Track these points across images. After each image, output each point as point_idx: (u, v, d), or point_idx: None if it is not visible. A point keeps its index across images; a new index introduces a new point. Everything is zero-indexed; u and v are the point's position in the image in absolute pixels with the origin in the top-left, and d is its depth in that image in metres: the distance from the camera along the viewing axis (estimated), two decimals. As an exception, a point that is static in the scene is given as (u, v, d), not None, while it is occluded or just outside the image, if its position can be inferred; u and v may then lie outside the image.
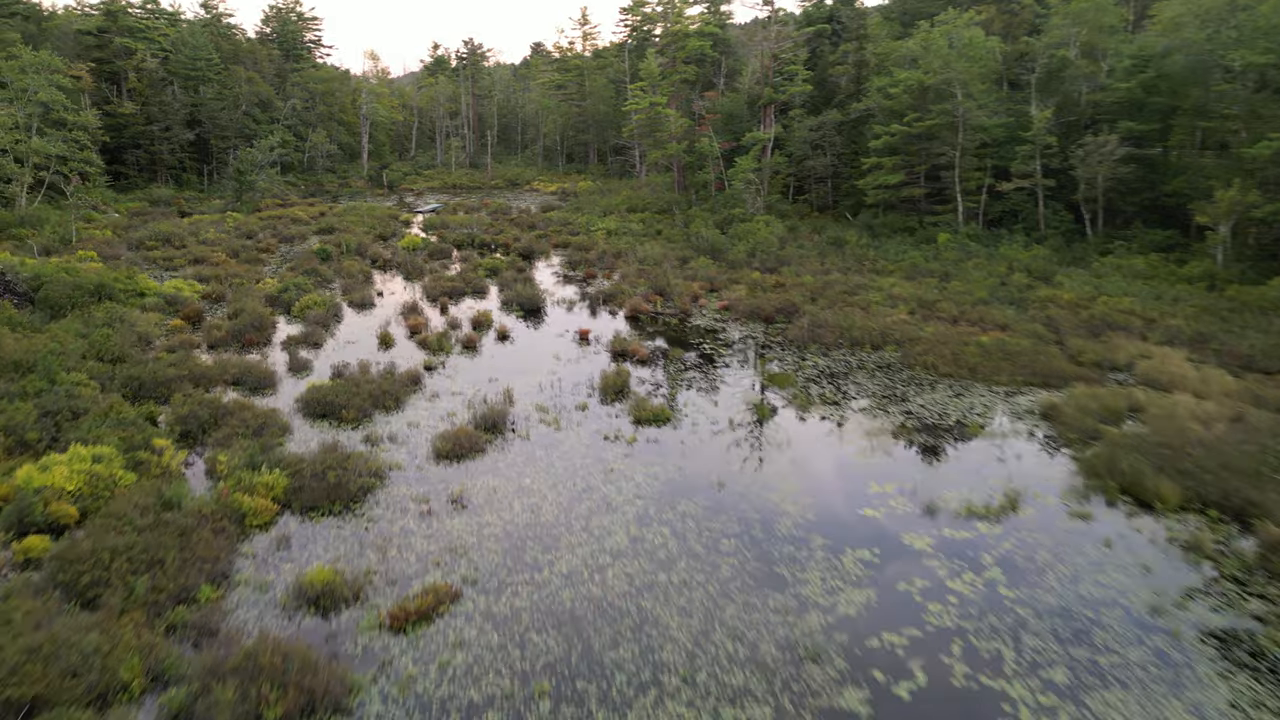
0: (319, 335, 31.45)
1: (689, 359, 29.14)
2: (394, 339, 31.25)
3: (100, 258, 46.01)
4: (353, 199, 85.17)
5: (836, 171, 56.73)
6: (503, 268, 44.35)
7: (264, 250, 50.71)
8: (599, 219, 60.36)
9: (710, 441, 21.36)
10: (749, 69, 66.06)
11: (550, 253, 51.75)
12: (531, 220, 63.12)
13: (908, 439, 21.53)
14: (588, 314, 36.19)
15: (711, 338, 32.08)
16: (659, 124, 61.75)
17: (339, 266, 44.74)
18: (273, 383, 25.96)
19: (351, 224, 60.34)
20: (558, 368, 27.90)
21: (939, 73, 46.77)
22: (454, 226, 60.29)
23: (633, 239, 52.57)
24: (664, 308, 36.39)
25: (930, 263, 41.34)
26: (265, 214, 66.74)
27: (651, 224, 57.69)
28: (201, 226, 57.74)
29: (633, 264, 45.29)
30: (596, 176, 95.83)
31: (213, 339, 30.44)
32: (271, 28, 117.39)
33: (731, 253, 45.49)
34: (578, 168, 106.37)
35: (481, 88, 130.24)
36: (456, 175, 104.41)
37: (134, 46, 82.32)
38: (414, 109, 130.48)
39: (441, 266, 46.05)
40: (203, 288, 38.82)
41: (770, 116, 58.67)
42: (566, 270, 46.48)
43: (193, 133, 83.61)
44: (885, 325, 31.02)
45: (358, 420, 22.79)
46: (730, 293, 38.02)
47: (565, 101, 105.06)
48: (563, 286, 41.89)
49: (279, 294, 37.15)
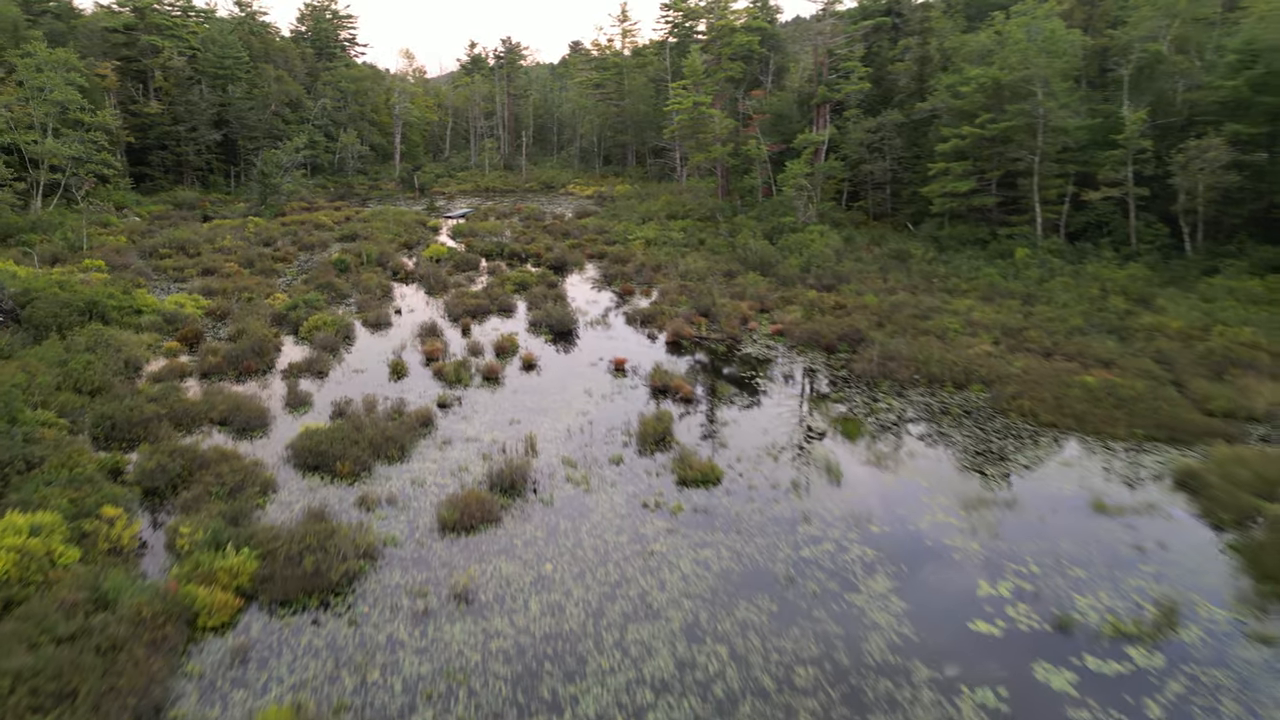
0: (325, 362, 28.51)
1: (740, 397, 25.60)
2: (407, 367, 28.17)
3: (108, 267, 43.85)
4: (382, 203, 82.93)
5: (896, 177, 52.72)
6: (532, 282, 41.21)
7: (281, 260, 48.21)
8: (637, 227, 57.04)
9: (770, 511, 17.82)
10: (799, 66, 62.35)
11: (584, 264, 48.53)
12: (565, 227, 60.02)
13: (1015, 514, 17.77)
14: (624, 337, 32.82)
15: (765, 370, 28.49)
16: (702, 125, 58.26)
17: (357, 279, 41.98)
18: (265, 422, 23.00)
19: (376, 231, 57.75)
20: (589, 406, 24.55)
21: (1016, 69, 42.61)
22: (483, 234, 57.40)
23: (673, 249, 49.13)
24: (709, 331, 32.88)
25: (1009, 281, 37.25)
26: (289, 219, 64.56)
27: (693, 233, 54.19)
28: (221, 232, 55.58)
29: (674, 278, 41.85)
30: (634, 179, 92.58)
31: (207, 365, 27.64)
32: (307, 26, 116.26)
33: (783, 267, 41.81)
34: (615, 170, 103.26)
35: (517, 87, 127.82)
36: (490, 178, 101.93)
37: (161, 44, 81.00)
38: (449, 109, 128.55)
39: (467, 280, 43.05)
40: (208, 303, 36.23)
41: (824, 117, 54.84)
42: (601, 285, 43.20)
43: (220, 133, 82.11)
44: (967, 358, 27.16)
45: (354, 474, 19.66)
46: (784, 315, 34.39)
47: (603, 101, 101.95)
48: (597, 304, 38.59)
49: (287, 312, 34.38)
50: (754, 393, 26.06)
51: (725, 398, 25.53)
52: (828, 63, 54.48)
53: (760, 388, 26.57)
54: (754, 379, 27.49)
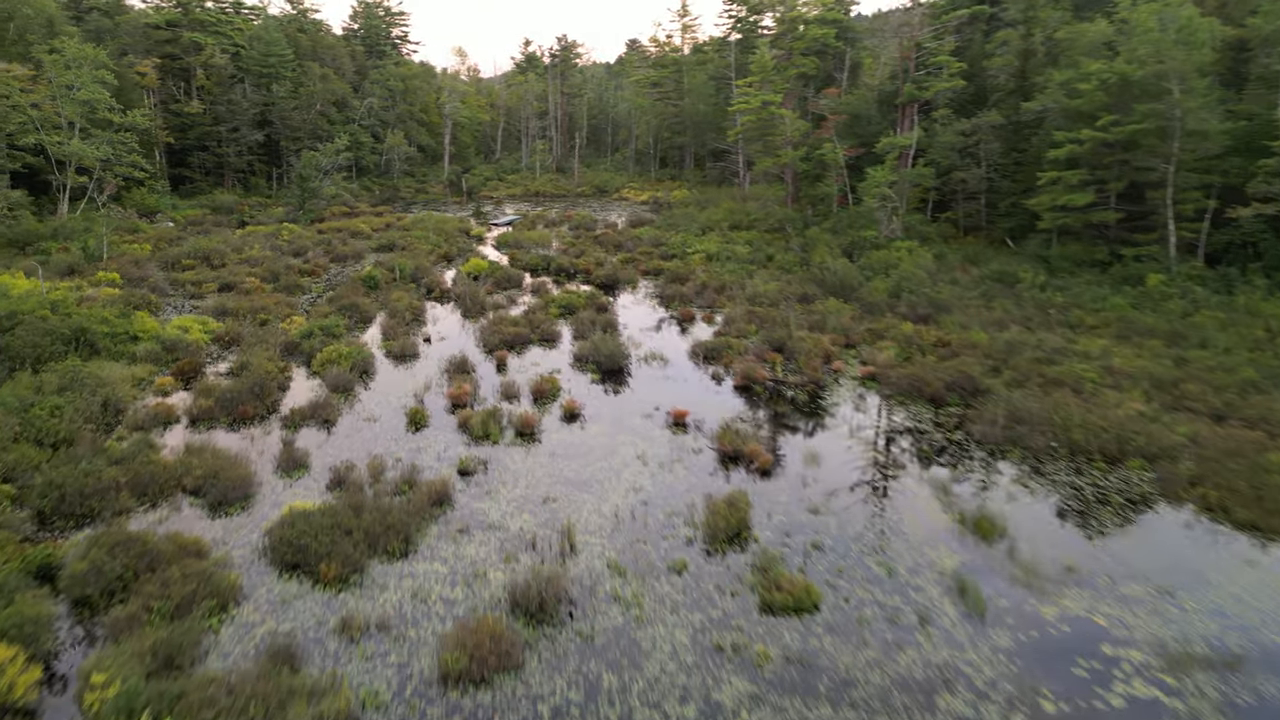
0: (334, 407, 24.55)
1: (832, 468, 20.82)
2: (428, 416, 24.03)
3: (122, 280, 40.93)
4: (427, 207, 79.83)
5: (992, 185, 47.12)
6: (580, 305, 36.90)
7: (308, 274, 44.81)
8: (696, 239, 52.42)
9: (892, 666, 13.08)
10: (878, 63, 57.06)
11: (638, 282, 44.07)
12: (618, 238, 55.69)
13: (1253, 682, 12.70)
14: (683, 377, 28.25)
15: (859, 430, 23.62)
16: (771, 126, 53.39)
17: (386, 298, 38.22)
18: (246, 492, 19.02)
19: (415, 241, 54.22)
20: (643, 478, 20.05)
21: (1147, 63, 36.87)
22: (529, 245, 53.41)
23: (738, 267, 44.39)
24: (786, 373, 28.12)
25: (1145, 315, 31.64)
26: (326, 225, 61.57)
27: (760, 246, 49.35)
28: (251, 240, 52.65)
29: (740, 302, 37.14)
30: (693, 184, 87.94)
31: (198, 409, 23.92)
32: (359, 24, 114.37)
33: (867, 291, 36.77)
34: (672, 173, 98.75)
35: (572, 85, 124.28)
36: (541, 181, 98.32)
37: (204, 42, 79.15)
38: (501, 109, 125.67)
39: (508, 300, 38.96)
40: (218, 326, 32.74)
41: (909, 118, 49.53)
42: (657, 307, 38.70)
43: (262, 133, 79.94)
44: (1116, 421, 21.92)
45: (342, 579, 15.49)
46: (874, 352, 29.41)
47: (661, 101, 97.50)
48: (652, 333, 34.09)
49: (301, 340, 30.64)
50: (850, 462, 21.25)
51: (816, 470, 20.78)
52: (915, 58, 49.13)
53: (856, 455, 21.73)
54: (849, 441, 22.65)
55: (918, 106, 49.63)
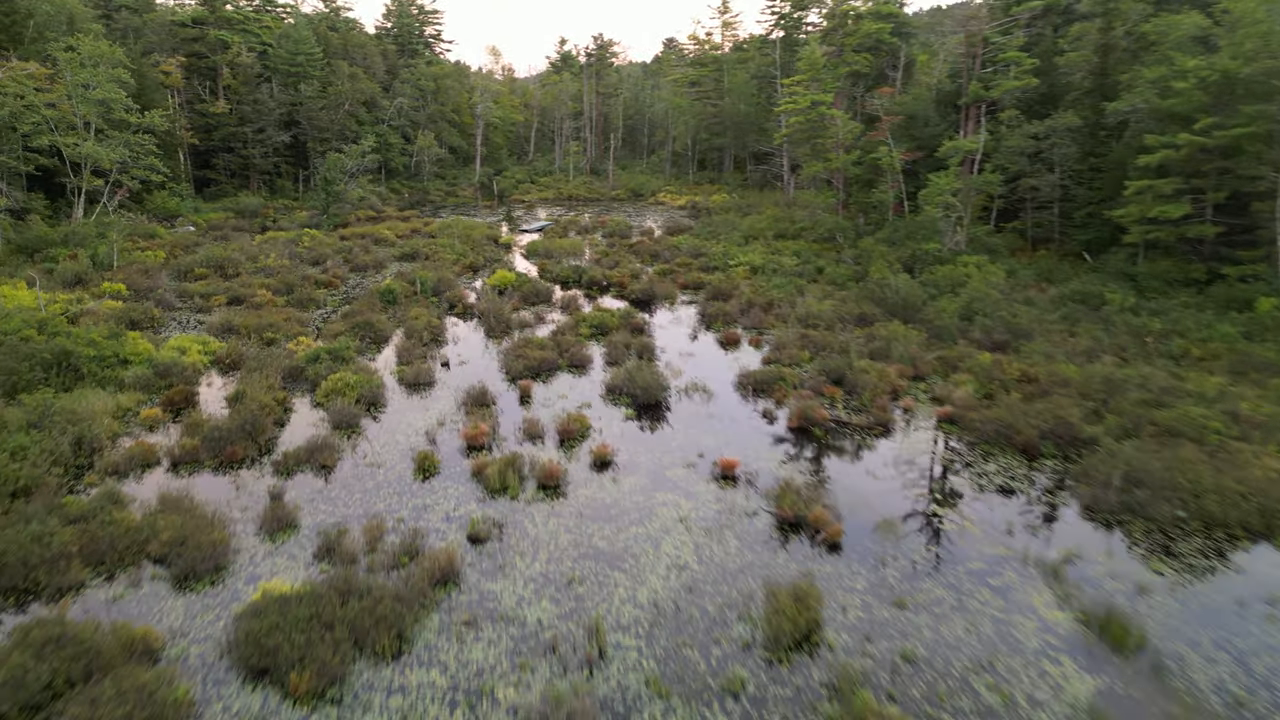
0: (334, 448, 21.76)
1: (915, 542, 17.50)
2: (439, 463, 21.13)
3: (129, 292, 38.82)
4: (456, 211, 77.47)
5: (1066, 193, 43.25)
6: (613, 325, 33.87)
7: (325, 285, 42.34)
8: (739, 249, 49.15)
9: None
10: (937, 60, 53.35)
11: (676, 297, 40.93)
12: (655, 247, 52.59)
13: None
14: (730, 414, 25.07)
15: (942, 485, 20.26)
16: (821, 128, 49.95)
17: (404, 315, 35.54)
18: (220, 562, 16.25)
19: (440, 249, 51.64)
20: (686, 551, 16.92)
21: (1255, 59, 32.94)
22: (560, 255, 50.53)
23: (786, 281, 41.05)
24: (848, 412, 24.80)
25: (1261, 346, 27.80)
26: (350, 231, 59.30)
27: (808, 258, 45.96)
28: (271, 248, 50.43)
29: (791, 323, 33.86)
30: (733, 187, 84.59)
31: (181, 450, 21.29)
32: (392, 22, 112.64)
33: (933, 311, 33.28)
34: (710, 176, 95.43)
35: (607, 85, 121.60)
36: (574, 184, 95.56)
37: (230, 40, 77.57)
38: (535, 109, 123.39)
39: (535, 317, 36.06)
40: (219, 347, 30.24)
41: (974, 120, 45.82)
42: (698, 327, 35.55)
43: (288, 134, 78.17)
44: (1255, 484, 18.35)
45: (316, 693, 12.58)
46: (949, 387, 25.97)
47: (699, 100, 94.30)
48: (693, 358, 30.93)
49: (307, 364, 27.99)
50: (934, 533, 17.92)
51: (891, 539, 17.49)
52: (981, 54, 45.38)
53: (942, 522, 18.39)
54: (931, 505, 19.31)
55: (983, 108, 45.88)
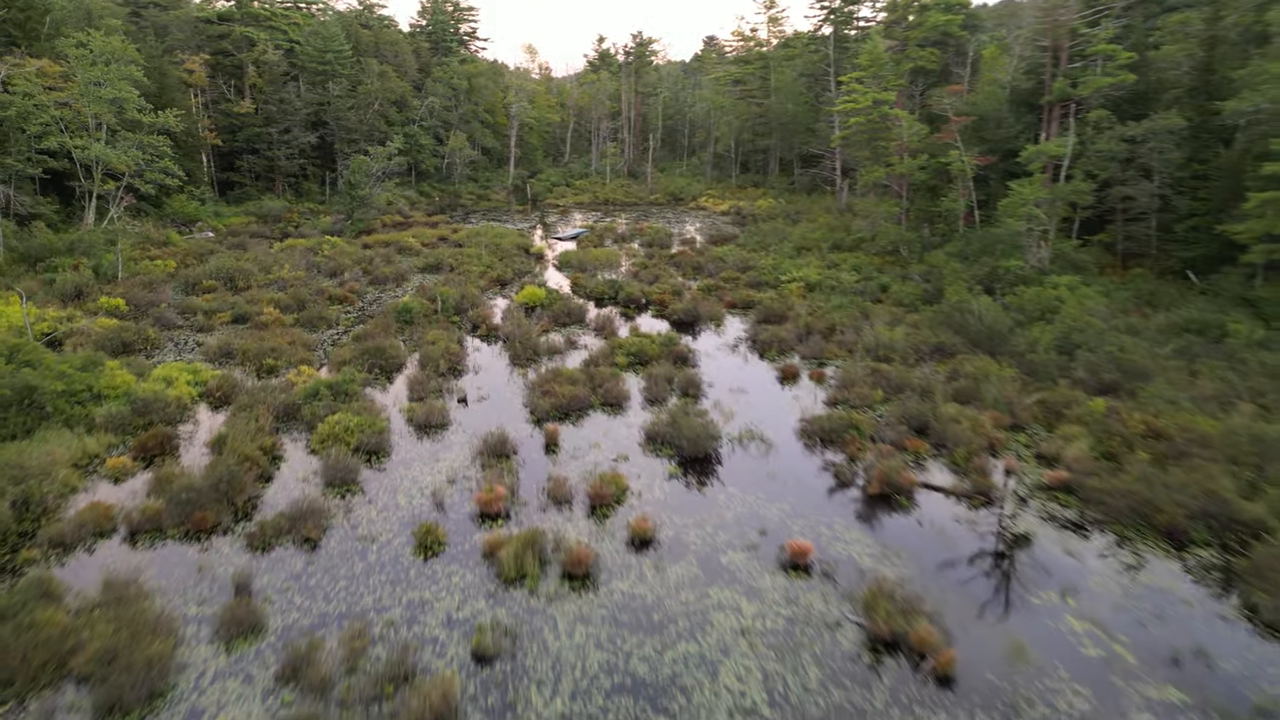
0: (323, 513, 18.36)
1: (1052, 680, 13.51)
2: (444, 538, 17.61)
3: (128, 307, 36.05)
4: (488, 216, 74.39)
5: (1165, 204, 38.64)
6: (654, 353, 30.15)
7: (340, 300, 39.22)
8: (791, 261, 45.17)
9: None
10: (1012, 54, 48.80)
11: (723, 318, 37.11)
12: (697, 258, 48.80)
13: None
14: (795, 474, 21.23)
15: (1071, 590, 16.20)
16: (883, 130, 45.78)
17: (421, 337, 32.21)
18: (154, 685, 12.87)
19: (467, 260, 48.41)
20: (751, 684, 13.17)
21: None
22: (595, 267, 46.97)
23: (846, 301, 37.05)
24: (939, 474, 20.82)
25: None
26: (374, 238, 56.33)
27: (870, 273, 41.87)
28: (288, 257, 47.58)
29: (859, 355, 29.88)
30: (779, 192, 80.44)
31: (144, 514, 18.05)
32: (427, 20, 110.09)
33: (1024, 343, 29.04)
34: (754, 179, 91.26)
35: (646, 84, 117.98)
36: (611, 187, 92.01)
37: (256, 36, 75.24)
38: (571, 109, 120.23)
39: (567, 341, 32.49)
40: (212, 375, 27.08)
41: (1057, 120, 41.35)
42: (750, 355, 31.73)
43: (315, 135, 75.62)
44: None
45: None
46: (1058, 444, 21.85)
47: (743, 100, 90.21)
48: (745, 395, 27.10)
49: (305, 401, 24.69)
50: (1075, 659, 13.93)
51: (1025, 677, 13.57)
52: (1068, 47, 40.86)
53: (1083, 643, 14.38)
54: (1063, 613, 15.30)
55: (1069, 107, 41.38)
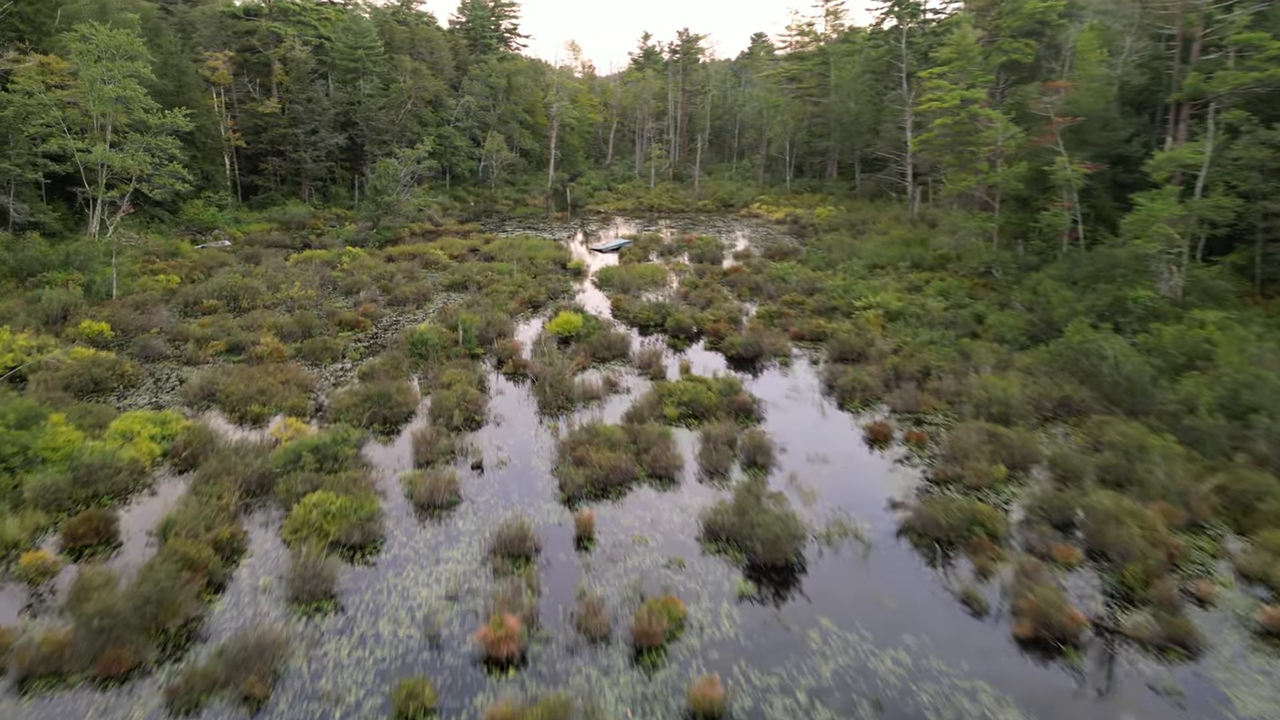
0: (277, 651, 13.77)
1: None
2: (432, 701, 12.87)
3: (113, 333, 32.19)
4: (523, 224, 70.08)
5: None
6: (709, 403, 25.17)
7: (351, 326, 34.94)
8: (864, 283, 39.86)
9: None
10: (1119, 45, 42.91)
11: (789, 353, 32.01)
12: (754, 276, 43.72)
13: None
14: (907, 591, 16.16)
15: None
16: (971, 132, 40.27)
17: (437, 377, 27.66)
18: None
19: (499, 275, 43.96)
20: None
21: None
22: (639, 285, 42.15)
23: (936, 334, 31.74)
24: (1109, 604, 15.58)
25: None
26: (399, 249, 52.17)
27: (959, 299, 36.46)
28: (302, 271, 43.54)
29: (968, 413, 24.60)
30: (839, 197, 74.90)
31: (44, 649, 13.66)
32: (466, 16, 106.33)
33: (1176, 401, 23.49)
34: (810, 184, 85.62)
35: (694, 82, 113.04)
36: (656, 192, 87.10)
37: (283, 32, 71.82)
38: (614, 108, 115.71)
39: (606, 384, 27.68)
40: (181, 428, 22.78)
41: (1185, 123, 35.51)
42: (827, 405, 26.63)
43: (344, 136, 71.96)
44: None
45: None
46: (1265, 559, 16.46)
47: (799, 98, 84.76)
48: (828, 465, 22.04)
49: (284, 470, 20.21)
50: None
51: None
52: (1200, 36, 35.03)
53: None
54: None
55: (1200, 107, 35.50)
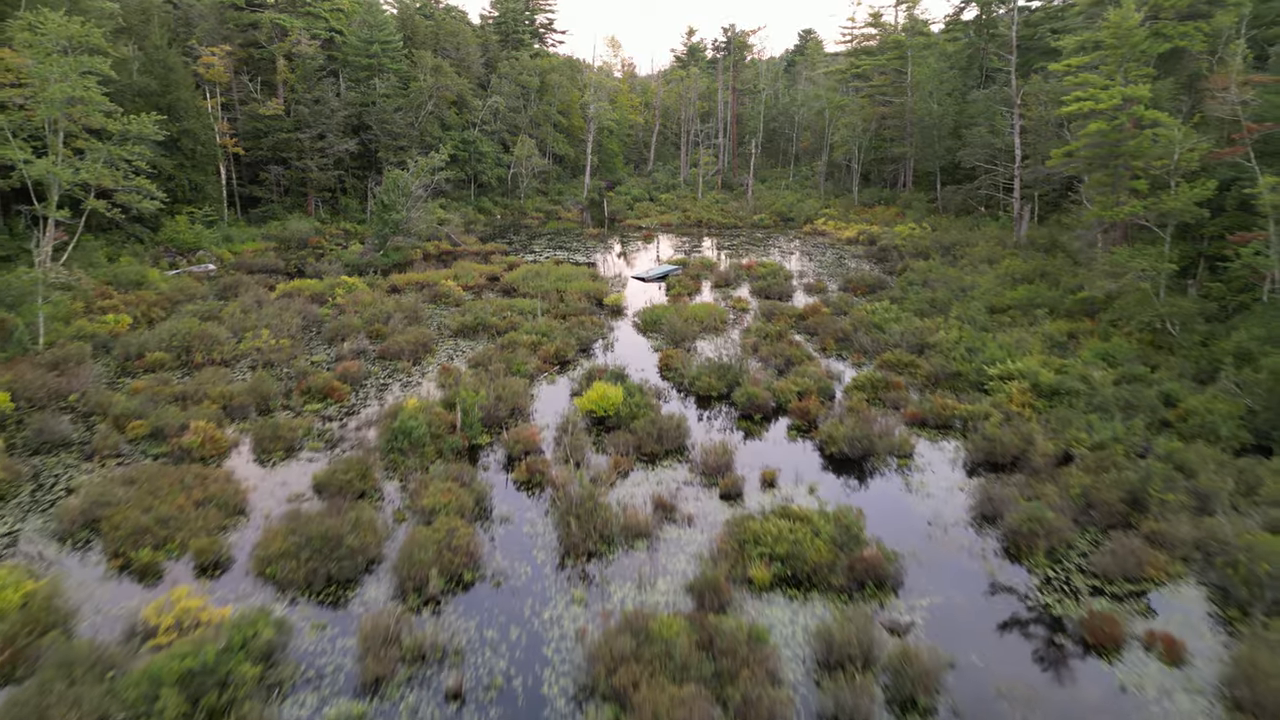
0: None
1: None
2: None
3: (13, 403, 25.02)
4: (554, 242, 62.40)
5: None
6: (818, 556, 16.97)
7: (323, 395, 27.25)
8: (994, 341, 31.22)
9: None
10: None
11: (912, 451, 23.62)
12: (837, 320, 35.47)
13: None
14: None
15: None
16: (1124, 143, 31.57)
17: (419, 495, 19.79)
18: None
19: (521, 313, 36.20)
20: None
21: None
22: (691, 333, 34.09)
23: (1119, 427, 23.20)
24: None
25: None
26: (405, 277, 44.68)
27: (1131, 366, 27.82)
28: (283, 309, 36.18)
29: (1191, 558, 16.12)
30: (919, 212, 66.14)
31: None
32: (499, 10, 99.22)
33: None
34: (881, 195, 76.84)
35: (743, 81, 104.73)
36: (704, 204, 78.83)
37: (289, 24, 64.89)
38: (656, 109, 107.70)
39: (658, 509, 19.61)
40: (20, 596, 15.19)
41: None
42: (990, 553, 18.29)
43: (355, 141, 64.82)
44: None
45: None
46: None
47: (868, 97, 76.11)
48: (1030, 704, 13.76)
49: (199, 672, 12.43)
50: None
51: None
52: None
53: None
54: None
55: None
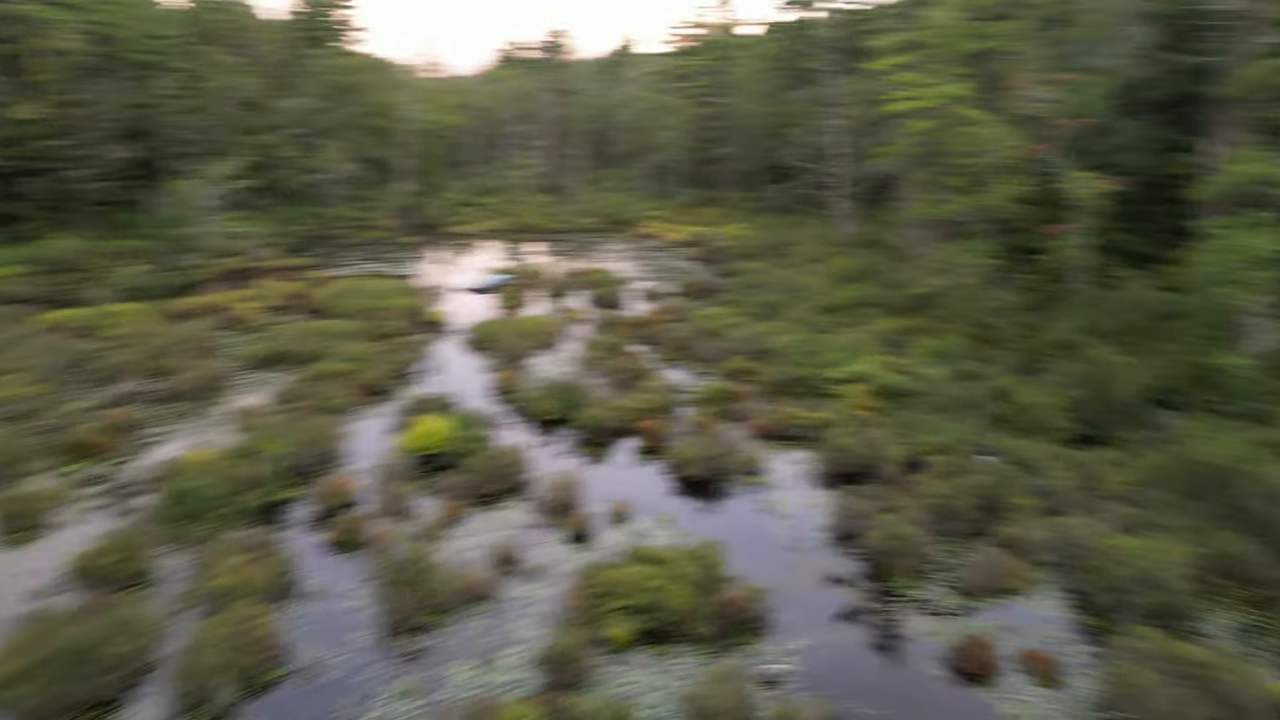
0: None
1: None
2: None
3: None
4: (368, 252, 58.16)
5: None
6: (679, 602, 15.03)
7: (87, 451, 22.73)
8: (833, 342, 30.73)
9: None
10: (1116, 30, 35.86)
11: (763, 468, 22.34)
12: (676, 327, 34.17)
13: None
14: None
15: None
16: (947, 141, 32.08)
17: (206, 567, 16.30)
18: None
19: (330, 342, 32.41)
20: None
21: None
22: (526, 348, 31.73)
23: (961, 427, 22.90)
24: None
25: None
26: (195, 301, 39.57)
27: (961, 362, 27.96)
28: (39, 347, 30.69)
29: (1104, 601, 15.56)
30: (745, 212, 66.58)
31: None
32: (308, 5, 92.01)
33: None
34: (708, 196, 77.07)
35: (564, 81, 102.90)
36: (530, 208, 76.39)
37: (51, 18, 56.90)
38: (477, 110, 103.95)
39: (497, 562, 17.14)
40: None
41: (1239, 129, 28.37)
42: (857, 585, 17.09)
43: (133, 148, 57.69)
44: None
45: None
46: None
47: (693, 100, 76.22)
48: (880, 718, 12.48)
49: None
50: None
51: None
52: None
53: None
54: None
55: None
